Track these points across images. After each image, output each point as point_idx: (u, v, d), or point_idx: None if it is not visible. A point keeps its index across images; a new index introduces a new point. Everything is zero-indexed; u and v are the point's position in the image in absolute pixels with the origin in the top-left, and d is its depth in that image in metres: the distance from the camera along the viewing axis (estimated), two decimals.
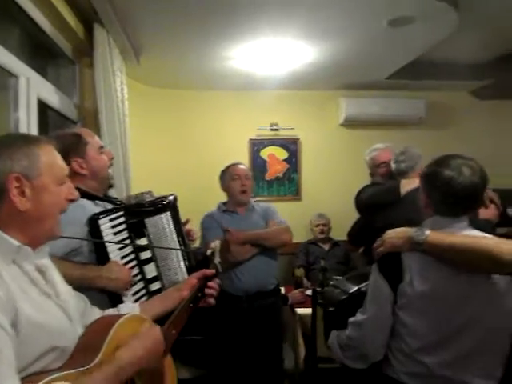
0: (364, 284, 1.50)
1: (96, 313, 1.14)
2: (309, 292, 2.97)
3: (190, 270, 1.52)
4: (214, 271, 1.30)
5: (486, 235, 1.31)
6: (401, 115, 3.81)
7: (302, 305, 2.91)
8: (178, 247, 1.53)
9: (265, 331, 2.46)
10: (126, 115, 2.62)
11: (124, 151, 2.55)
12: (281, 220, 2.57)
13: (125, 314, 1.04)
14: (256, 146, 3.89)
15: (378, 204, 2.46)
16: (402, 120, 3.85)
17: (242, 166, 2.62)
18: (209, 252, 1.37)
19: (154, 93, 3.69)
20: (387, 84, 3.71)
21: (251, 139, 3.88)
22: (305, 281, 3.32)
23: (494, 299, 1.23)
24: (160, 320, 1.17)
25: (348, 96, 3.83)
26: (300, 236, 3.81)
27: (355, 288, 1.57)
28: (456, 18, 2.29)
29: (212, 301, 1.30)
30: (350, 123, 3.90)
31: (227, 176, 2.57)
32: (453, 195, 1.25)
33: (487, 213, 2.45)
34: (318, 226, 3.67)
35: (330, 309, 1.77)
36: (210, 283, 1.29)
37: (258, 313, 2.44)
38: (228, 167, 2.62)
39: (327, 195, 3.84)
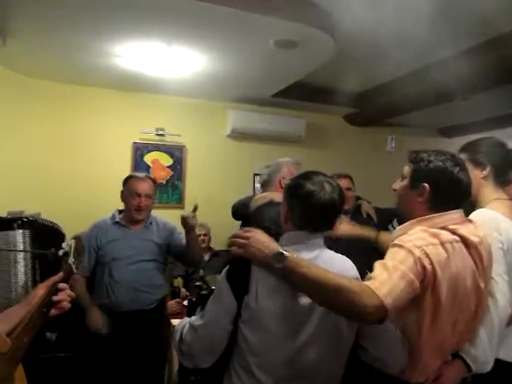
0: None
1: None
2: (186, 302, 2.92)
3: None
4: (61, 275, 1.19)
5: (347, 266, 1.30)
6: (283, 132, 4.02)
7: (179, 316, 2.84)
8: (28, 268, 1.39)
9: (144, 347, 2.33)
10: None
11: None
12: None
13: None
14: (140, 150, 3.74)
15: (237, 216, 2.53)
16: (284, 137, 4.07)
17: (144, 183, 2.41)
18: (61, 252, 1.25)
19: (24, 81, 3.32)
20: (272, 101, 3.90)
21: (135, 143, 3.71)
22: (183, 291, 3.26)
23: (329, 322, 1.23)
24: None
25: (236, 109, 3.92)
26: None
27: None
28: (333, 48, 2.51)
29: (65, 305, 1.17)
30: (237, 135, 3.99)
31: (127, 190, 2.40)
32: (313, 208, 1.26)
33: None
34: (198, 235, 3.64)
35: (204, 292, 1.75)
36: (61, 285, 1.17)
37: (138, 328, 2.31)
38: (129, 179, 2.43)
39: (210, 205, 3.85)
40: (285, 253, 1.16)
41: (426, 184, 1.32)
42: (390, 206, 2.97)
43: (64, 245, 1.26)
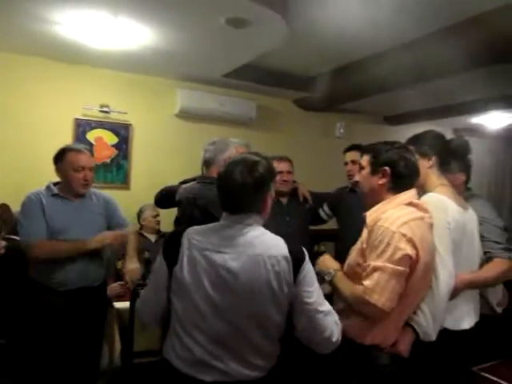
0: None
1: None
2: None
3: None
4: None
5: (275, 245, 1.32)
6: (233, 114, 3.97)
7: (122, 298, 2.77)
8: None
9: (84, 329, 2.25)
10: None
11: None
12: (124, 219, 2.50)
13: None
14: (82, 126, 3.54)
15: (161, 205, 2.67)
16: (234, 118, 4.03)
17: (85, 156, 2.27)
18: None
19: None
20: (223, 82, 3.83)
21: (77, 119, 3.51)
22: None
23: (250, 298, 1.26)
24: None
25: (185, 87, 3.82)
26: None
27: None
28: (285, 29, 2.48)
29: None
30: (185, 115, 3.89)
31: (67, 164, 2.23)
32: (224, 191, 1.33)
33: None
34: (155, 216, 3.55)
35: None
36: None
37: (80, 307, 2.23)
38: (67, 152, 2.25)
39: (157, 185, 3.75)
40: (332, 273, 1.57)
41: (386, 168, 1.52)
42: (330, 190, 3.08)
43: None
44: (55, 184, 2.31)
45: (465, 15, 2.44)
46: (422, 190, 1.72)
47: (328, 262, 1.64)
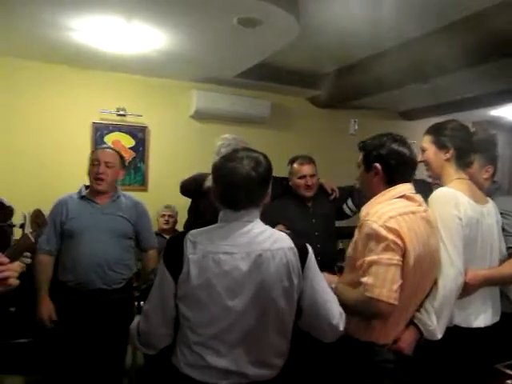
0: None
1: None
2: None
3: None
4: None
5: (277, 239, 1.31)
6: (247, 113, 4.00)
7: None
8: None
9: (107, 329, 2.28)
10: None
11: None
12: (152, 241, 2.59)
13: None
14: (100, 130, 3.61)
15: (187, 192, 2.63)
16: (248, 118, 4.05)
17: (103, 151, 2.38)
18: (17, 224, 1.20)
19: None
20: (237, 82, 3.85)
21: (94, 123, 3.58)
22: None
23: (263, 294, 1.26)
24: None
25: (200, 89, 3.85)
26: None
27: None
28: (297, 28, 2.49)
29: (12, 281, 1.11)
30: (200, 116, 3.93)
31: (89, 161, 2.36)
32: (231, 186, 1.27)
33: None
34: (163, 216, 3.61)
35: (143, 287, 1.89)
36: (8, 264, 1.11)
37: (103, 308, 2.26)
38: (94, 151, 2.44)
39: (175, 187, 3.80)
40: (333, 287, 1.48)
41: (377, 164, 1.50)
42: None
43: (20, 216, 1.21)
44: (87, 187, 2.39)
45: (472, 10, 2.43)
46: (440, 183, 1.67)
47: (327, 277, 1.56)
